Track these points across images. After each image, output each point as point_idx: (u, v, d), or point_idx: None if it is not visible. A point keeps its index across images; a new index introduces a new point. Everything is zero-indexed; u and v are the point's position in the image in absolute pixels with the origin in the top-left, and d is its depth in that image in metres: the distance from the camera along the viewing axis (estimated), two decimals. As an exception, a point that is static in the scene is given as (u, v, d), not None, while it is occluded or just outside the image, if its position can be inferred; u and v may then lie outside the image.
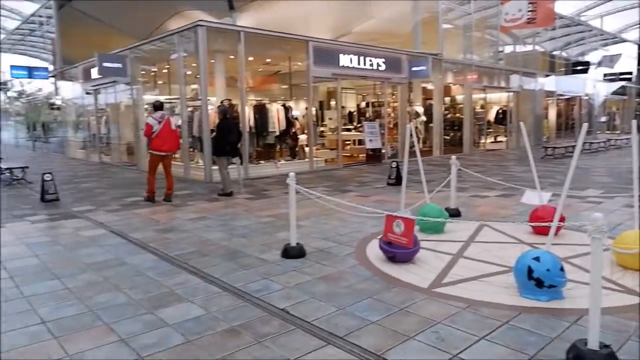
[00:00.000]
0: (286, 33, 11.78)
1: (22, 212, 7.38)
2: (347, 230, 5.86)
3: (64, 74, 19.67)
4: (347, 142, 15.76)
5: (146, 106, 14.02)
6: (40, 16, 22.38)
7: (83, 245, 5.33)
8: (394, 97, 15.80)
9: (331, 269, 4.41)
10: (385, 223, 4.42)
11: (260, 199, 8.30)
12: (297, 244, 4.82)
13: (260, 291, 3.85)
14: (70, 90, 19.85)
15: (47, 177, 8.17)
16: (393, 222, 4.34)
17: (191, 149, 11.41)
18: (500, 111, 20.03)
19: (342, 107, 15.22)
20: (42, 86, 26.71)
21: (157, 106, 8.34)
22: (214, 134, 9.19)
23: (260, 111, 11.78)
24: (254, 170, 11.30)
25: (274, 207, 7.49)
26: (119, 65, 13.15)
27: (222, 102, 10.49)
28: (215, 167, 9.43)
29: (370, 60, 13.68)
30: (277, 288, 3.92)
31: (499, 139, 20.18)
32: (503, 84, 19.56)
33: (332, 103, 17.63)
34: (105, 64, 12.97)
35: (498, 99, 20.33)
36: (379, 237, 4.70)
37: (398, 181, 9.25)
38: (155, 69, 14.10)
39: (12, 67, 24.69)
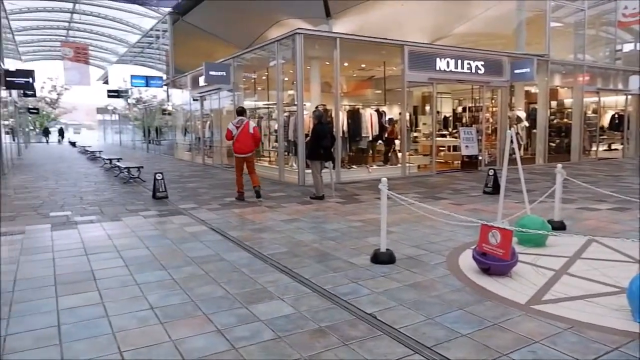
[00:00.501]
0: (381, 38, 11.77)
1: (136, 207, 8.16)
2: (438, 239, 5.70)
3: (175, 82, 21.44)
4: (442, 148, 15.30)
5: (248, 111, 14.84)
6: (157, 30, 24.61)
7: (187, 240, 5.77)
8: (493, 101, 15.06)
9: (421, 277, 4.32)
10: (480, 233, 4.24)
11: (351, 203, 8.37)
12: (387, 249, 4.79)
13: (349, 294, 3.89)
14: (179, 97, 21.61)
15: (159, 176, 8.97)
16: (489, 232, 4.15)
17: (286, 153, 11.82)
18: (616, 116, 18.18)
19: (437, 112, 14.83)
20: (156, 93, 29.45)
21: (239, 112, 9.03)
22: (309, 138, 9.46)
23: (354, 116, 11.88)
24: (346, 174, 11.42)
25: (365, 212, 7.51)
26: (223, 73, 14.05)
27: (317, 107, 10.73)
28: (309, 171, 9.67)
29: (469, 63, 13.17)
30: (365, 292, 3.93)
31: (613, 146, 18.30)
32: (620, 86, 17.73)
33: (427, 108, 17.24)
34: (211, 72, 13.92)
35: (614, 102, 18.47)
36: (473, 247, 4.52)
37: (495, 190, 8.80)
38: (255, 76, 14.84)
39: (133, 77, 27.55)
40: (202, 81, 15.63)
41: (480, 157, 13.91)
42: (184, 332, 3.21)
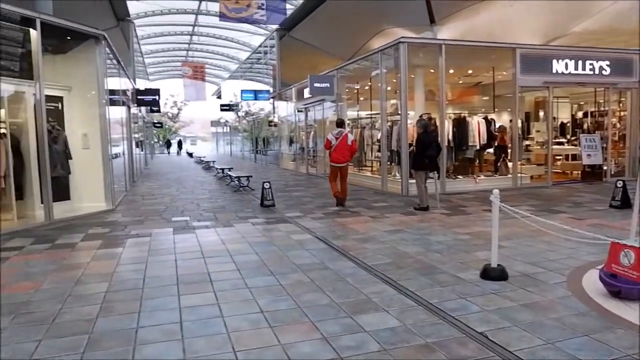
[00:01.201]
0: (490, 42, 11.26)
1: (246, 214, 8.65)
2: (556, 256, 5.25)
3: (281, 95, 22.44)
4: (558, 157, 14.12)
5: (348, 121, 15.05)
6: (265, 46, 26.05)
7: (293, 248, 5.98)
8: (621, 104, 13.57)
9: (538, 296, 4.01)
10: (609, 252, 3.83)
11: (457, 215, 8.06)
12: (498, 265, 4.53)
13: (457, 310, 3.74)
14: (285, 109, 22.59)
15: (266, 185, 9.43)
16: (620, 251, 3.73)
17: (389, 163, 11.75)
18: None
19: (553, 118, 13.73)
20: (263, 106, 31.12)
21: (338, 123, 9.53)
22: (412, 147, 9.34)
23: (460, 124, 11.46)
24: (452, 185, 11.03)
25: (472, 224, 7.18)
26: (327, 84, 14.41)
27: (421, 116, 10.55)
28: (412, 181, 9.52)
29: (591, 64, 12.04)
30: (475, 310, 3.75)
31: None
32: None
33: (541, 114, 16.04)
34: (316, 84, 14.35)
35: None
36: (599, 267, 4.09)
37: (625, 204, 7.90)
38: (358, 86, 15.00)
39: (243, 91, 29.41)
40: (306, 93, 16.16)
41: (605, 167, 12.59)
42: (292, 337, 3.31)
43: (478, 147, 11.62)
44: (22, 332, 3.49)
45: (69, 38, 9.00)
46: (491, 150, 12.40)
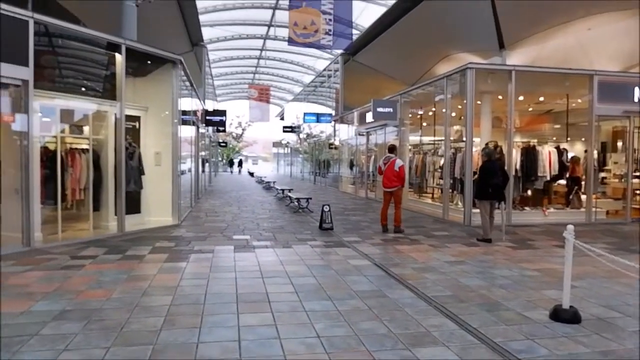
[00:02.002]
0: (566, 68, 10.82)
1: (304, 236, 8.73)
2: (635, 300, 4.86)
3: (343, 118, 22.67)
4: (638, 192, 13.14)
5: (410, 147, 14.92)
6: (329, 70, 26.55)
7: (350, 273, 5.95)
8: None
9: (615, 344, 3.72)
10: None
11: (523, 249, 7.69)
12: (571, 307, 4.26)
13: (523, 352, 3.54)
14: (345, 132, 22.76)
15: (326, 208, 9.50)
16: None
17: (451, 190, 11.47)
18: None
19: (634, 149, 12.86)
20: (324, 129, 31.50)
21: (389, 149, 9.69)
22: (477, 176, 9.10)
23: (529, 153, 11.02)
24: (518, 217, 10.56)
25: (540, 260, 6.82)
26: (390, 109, 14.42)
27: (486, 144, 10.28)
28: (476, 211, 9.23)
29: (679, 94, 11.22)
30: (543, 353, 3.54)
31: None
32: None
33: (619, 144, 15.08)
34: (379, 109, 14.40)
35: None
36: (688, 316, 3.75)
37: None
38: (421, 112, 14.88)
39: (305, 114, 30.01)
40: (369, 117, 16.24)
41: (693, 205, 11.56)
42: (349, 365, 3.28)
43: (548, 178, 11.09)
44: (93, 338, 3.70)
45: (149, 62, 9.68)
46: (563, 181, 11.78)
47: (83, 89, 9.12)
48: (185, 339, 3.69)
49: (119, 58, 8.42)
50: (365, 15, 20.31)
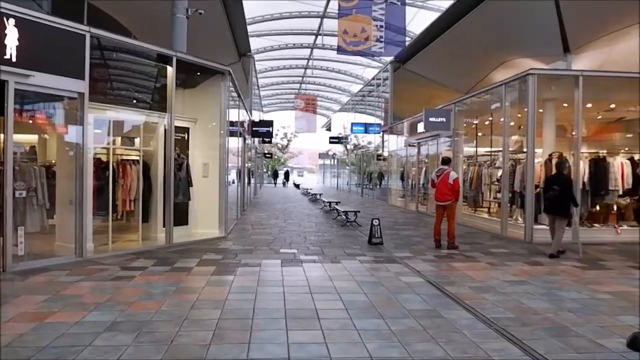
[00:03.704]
0: (638, 73, 10.27)
1: (353, 251, 8.69)
2: None
3: (392, 129, 22.53)
4: None
5: (464, 158, 14.60)
6: (378, 79, 26.50)
7: (402, 291, 5.85)
8: None
9: None
10: None
11: (593, 269, 7.31)
12: (651, 334, 3.98)
13: (598, 383, 3.34)
14: (394, 143, 22.60)
15: (375, 222, 9.43)
16: None
17: (510, 205, 11.10)
18: None
19: None
20: (372, 139, 31.39)
21: (444, 161, 9.68)
22: (539, 189, 8.81)
23: (598, 165, 10.51)
24: (586, 234, 10.03)
25: (613, 282, 6.45)
26: (442, 119, 14.20)
27: (550, 154, 9.92)
28: (538, 226, 8.91)
29: None
30: (621, 385, 3.32)
31: None
32: None
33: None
34: (431, 119, 14.21)
35: None
36: None
37: None
38: (477, 121, 14.55)
39: (353, 124, 30.02)
40: (420, 127, 16.05)
41: None
42: (404, 389, 3.21)
43: (621, 192, 10.51)
44: (144, 350, 3.82)
45: (198, 73, 10.03)
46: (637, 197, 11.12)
47: (134, 100, 9.57)
48: (235, 355, 3.74)
49: (170, 70, 8.78)
50: (416, 21, 20.19)
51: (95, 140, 8.14)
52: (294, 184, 44.98)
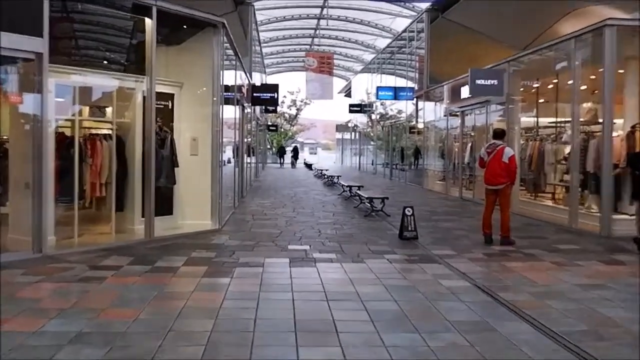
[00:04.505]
0: None
1: (380, 247, 8.64)
2: None
3: (429, 94, 22.28)
4: None
5: (521, 131, 14.38)
6: (411, 31, 26.16)
7: (443, 297, 5.79)
8: None
9: None
10: None
11: (688, 270, 7.16)
12: None
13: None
14: (431, 112, 22.37)
15: (408, 211, 9.34)
16: None
17: (581, 189, 10.94)
18: None
19: None
20: (402, 107, 31.06)
21: (497, 133, 9.55)
22: (619, 169, 8.66)
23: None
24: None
25: None
26: (493, 81, 13.95)
27: (634, 126, 9.71)
28: (622, 216, 8.79)
29: None
30: None
31: None
32: None
33: None
34: (478, 81, 13.98)
35: None
36: None
37: None
38: (538, 85, 14.30)
39: (379, 88, 29.76)
40: (464, 92, 15.85)
41: None
42: (447, 422, 3.15)
43: None
44: (118, 370, 3.81)
45: (184, 27, 9.94)
46: None
47: (105, 62, 9.54)
48: (231, 377, 3.71)
49: (149, 23, 8.69)
50: (460, -43, 19.79)
51: (58, 111, 8.14)
52: (305, 163, 44.93)
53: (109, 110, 9.15)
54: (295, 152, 49.27)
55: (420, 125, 25.00)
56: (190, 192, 10.12)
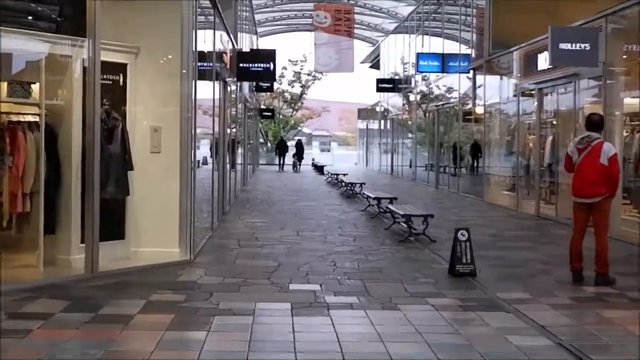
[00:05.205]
0: None
1: (421, 287, 8.64)
2: None
3: (491, 65, 22.19)
4: None
5: (624, 117, 14.29)
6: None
7: (513, 362, 5.76)
8: None
9: None
10: None
11: None
12: None
13: None
14: (495, 91, 22.26)
15: (462, 235, 9.30)
16: None
17: None
18: None
19: None
20: (454, 84, 30.83)
21: (592, 122, 9.19)
22: None
23: None
24: None
25: None
26: (585, 45, 13.88)
27: None
28: None
29: None
30: None
31: None
32: None
33: None
34: (563, 45, 13.91)
35: None
36: None
37: None
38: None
39: (419, 55, 29.55)
40: (543, 61, 15.79)
41: None
42: None
43: None
44: None
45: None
46: None
47: (30, 18, 9.57)
48: None
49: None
50: None
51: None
52: (314, 165, 44.96)
53: (35, 87, 9.15)
54: (299, 149, 48.65)
55: (479, 110, 24.89)
56: (150, 206, 10.14)
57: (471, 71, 25.74)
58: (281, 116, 55.10)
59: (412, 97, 39.22)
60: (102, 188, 9.01)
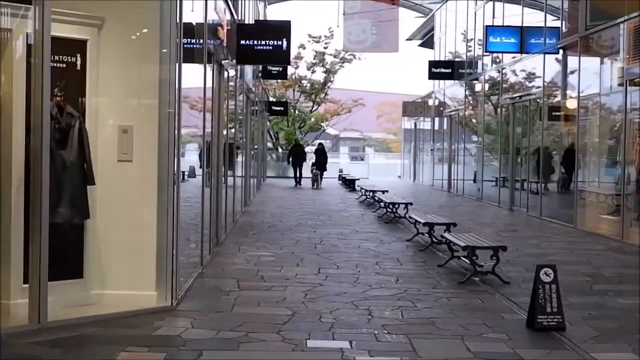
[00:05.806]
0: None
1: (490, 346, 8.61)
2: None
3: (588, 43, 22.13)
4: None
5: None
6: None
7: None
8: None
9: None
10: None
11: None
12: None
13: None
14: (591, 78, 22.21)
15: (546, 276, 9.27)
16: None
17: None
18: None
19: None
20: (536, 69, 30.70)
21: None
22: None
23: None
24: None
25: None
26: None
27: None
28: None
29: None
30: None
31: None
32: None
33: None
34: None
35: None
36: None
37: None
38: None
39: (489, 29, 29.43)
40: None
41: None
42: None
43: None
44: None
45: None
46: None
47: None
48: None
49: None
50: None
51: None
52: (342, 178, 44.96)
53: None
54: (321, 158, 47.27)
55: (571, 104, 24.75)
56: (118, 234, 10.18)
57: (561, 51, 25.72)
58: (297, 112, 55.13)
59: (478, 87, 39.15)
60: (53, 209, 9.06)
